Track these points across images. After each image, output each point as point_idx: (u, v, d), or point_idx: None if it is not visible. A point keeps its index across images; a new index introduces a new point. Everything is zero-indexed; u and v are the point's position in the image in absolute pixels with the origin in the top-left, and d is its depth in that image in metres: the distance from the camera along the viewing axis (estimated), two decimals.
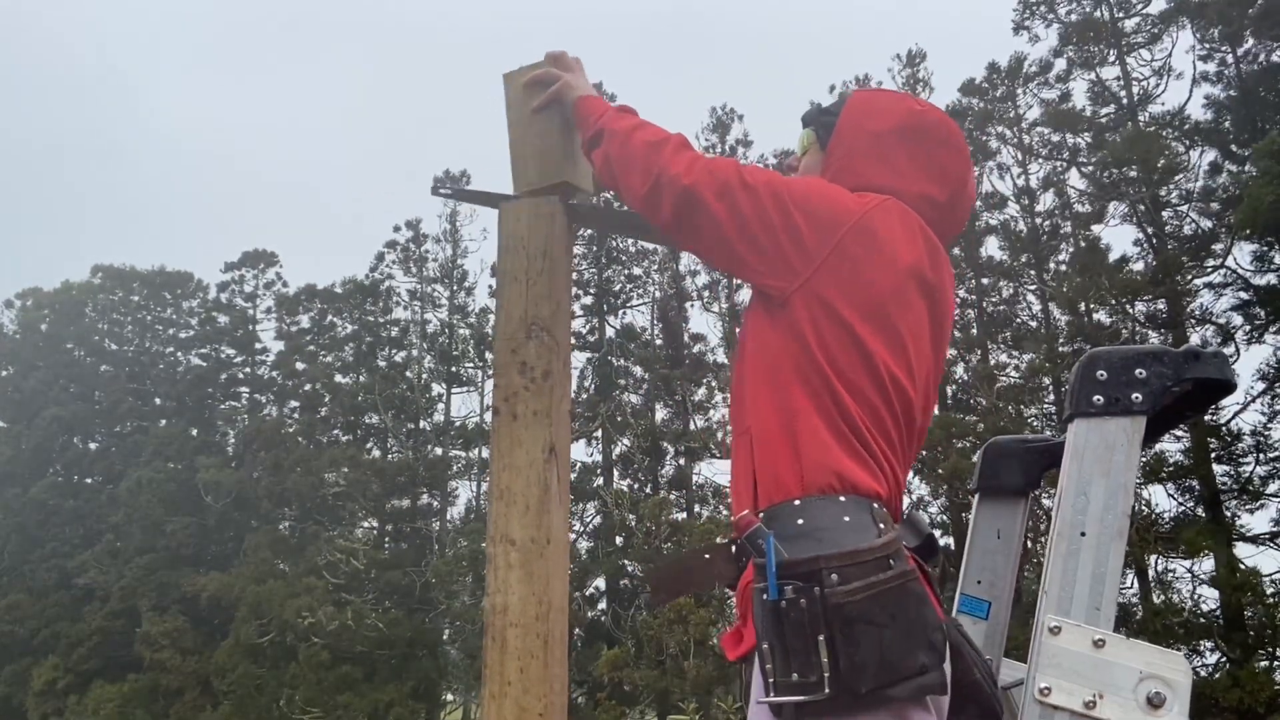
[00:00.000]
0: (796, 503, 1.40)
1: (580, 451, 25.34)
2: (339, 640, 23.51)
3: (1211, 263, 18.59)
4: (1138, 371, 1.30)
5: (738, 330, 1.70)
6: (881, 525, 1.37)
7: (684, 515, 22.51)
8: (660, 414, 25.66)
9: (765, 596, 1.30)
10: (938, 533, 20.32)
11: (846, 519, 1.36)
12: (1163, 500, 17.70)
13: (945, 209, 1.64)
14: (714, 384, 24.58)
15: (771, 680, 1.29)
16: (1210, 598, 16.57)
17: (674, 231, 1.59)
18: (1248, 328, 17.92)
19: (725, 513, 20.90)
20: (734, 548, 1.51)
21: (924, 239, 1.56)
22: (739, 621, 1.50)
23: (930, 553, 1.46)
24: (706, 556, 1.56)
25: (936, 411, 20.74)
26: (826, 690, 1.24)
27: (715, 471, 24.22)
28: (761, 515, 1.42)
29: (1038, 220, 21.72)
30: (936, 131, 1.65)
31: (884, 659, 1.25)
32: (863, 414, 1.43)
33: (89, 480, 35.53)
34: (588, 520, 24.94)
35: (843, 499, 1.38)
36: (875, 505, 1.39)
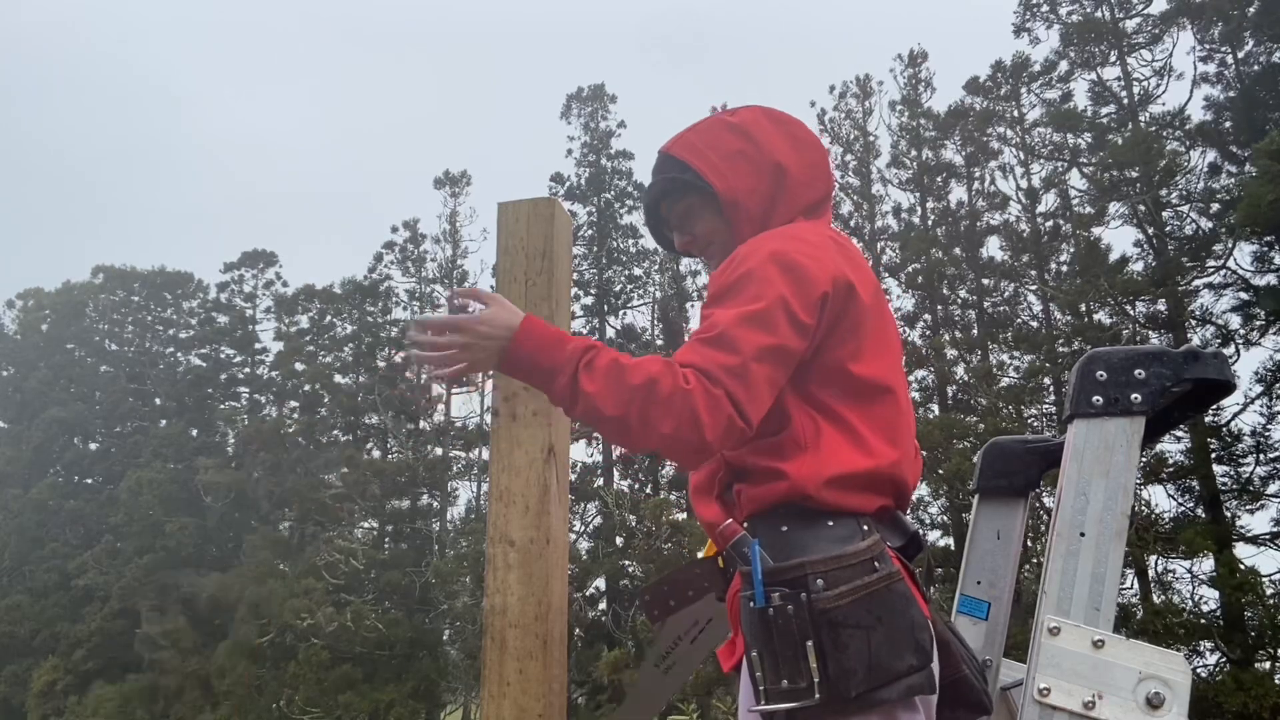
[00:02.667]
0: (780, 510, 1.38)
1: (580, 452, 25.33)
2: (338, 641, 23.51)
3: (1212, 263, 18.58)
4: (1137, 372, 1.30)
5: None
6: (865, 527, 1.37)
7: (684, 516, 22.50)
8: None
9: (752, 604, 1.29)
10: (937, 533, 20.41)
11: (830, 523, 1.36)
12: (1163, 500, 17.72)
13: (818, 173, 1.62)
14: None
15: (762, 688, 1.28)
16: (1211, 598, 16.58)
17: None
18: (1248, 329, 17.93)
19: None
20: (720, 558, 1.49)
21: (833, 237, 1.55)
22: (731, 632, 1.49)
23: (915, 550, 1.45)
24: (696, 570, 1.55)
25: (937, 411, 20.75)
26: (817, 696, 1.23)
27: None
28: (746, 524, 1.41)
29: (1039, 221, 21.74)
30: (763, 125, 1.61)
31: (872, 662, 1.25)
32: (843, 416, 1.41)
33: (88, 481, 35.54)
34: (588, 521, 24.94)
35: (826, 505, 1.37)
36: (863, 512, 1.39)
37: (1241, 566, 16.07)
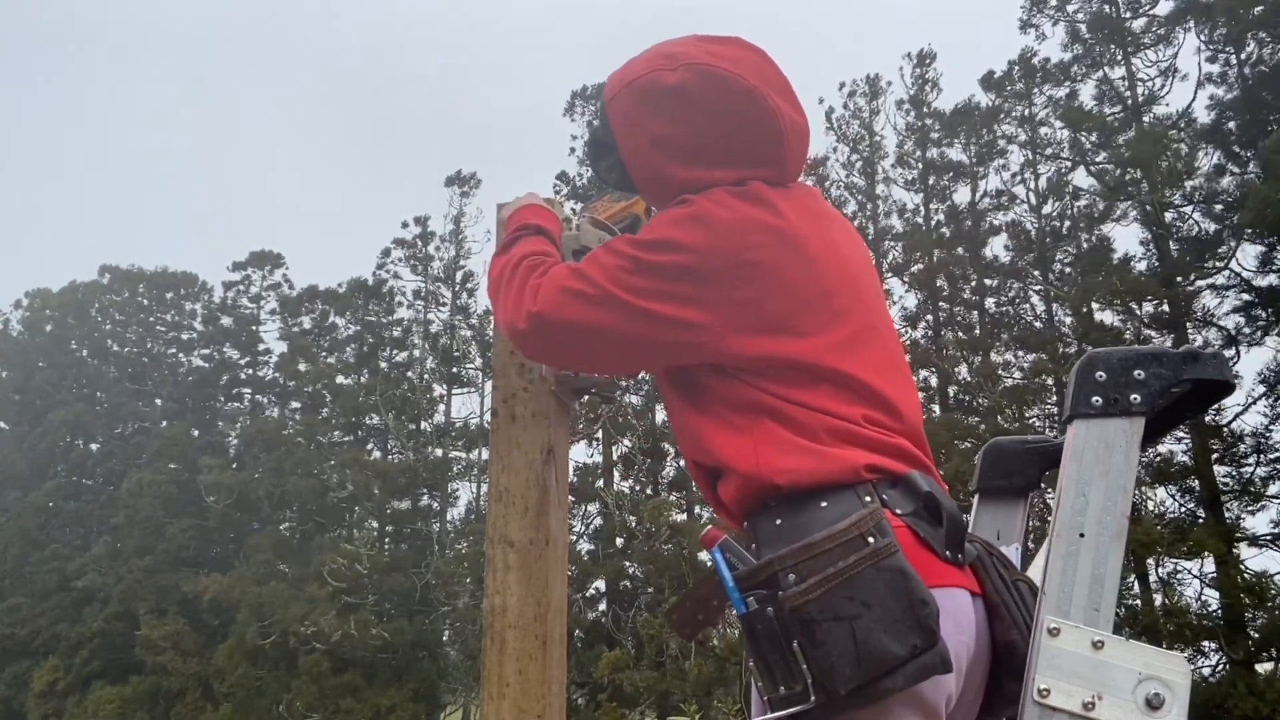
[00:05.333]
0: (772, 503, 1.32)
1: (581, 452, 25.35)
2: (340, 646, 23.51)
3: (1215, 264, 18.58)
4: (1136, 373, 1.29)
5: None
6: (867, 499, 1.28)
7: (684, 517, 22.50)
8: (661, 415, 25.68)
9: (736, 613, 1.26)
10: None
11: (823, 504, 1.28)
12: (1164, 500, 17.73)
13: (782, 156, 1.47)
14: None
15: (766, 698, 1.24)
16: (1212, 599, 16.57)
17: None
18: (1250, 329, 17.93)
19: None
20: None
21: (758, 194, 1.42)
22: None
23: (932, 514, 1.33)
24: (716, 578, 1.52)
25: (938, 412, 20.73)
26: (813, 699, 1.17)
27: None
28: (747, 524, 1.37)
29: (1044, 220, 21.75)
30: (720, 91, 1.44)
31: (862, 653, 1.16)
32: (817, 399, 1.35)
33: (90, 482, 35.57)
34: (588, 522, 24.94)
35: (820, 485, 1.30)
36: (859, 481, 1.30)
37: (1244, 568, 16.07)
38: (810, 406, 1.35)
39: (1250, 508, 17.15)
